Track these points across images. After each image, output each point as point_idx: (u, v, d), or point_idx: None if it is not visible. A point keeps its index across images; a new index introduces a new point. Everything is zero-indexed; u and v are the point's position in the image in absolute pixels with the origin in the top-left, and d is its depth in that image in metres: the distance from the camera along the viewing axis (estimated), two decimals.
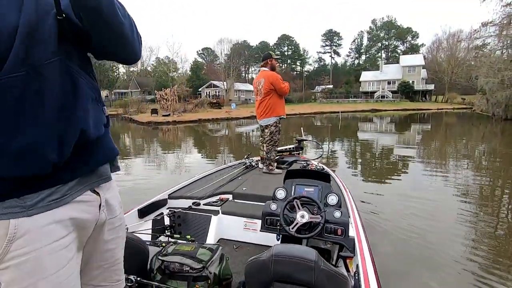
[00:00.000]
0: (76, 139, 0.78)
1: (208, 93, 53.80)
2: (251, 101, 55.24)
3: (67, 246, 0.80)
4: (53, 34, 0.72)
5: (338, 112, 29.74)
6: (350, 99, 56.35)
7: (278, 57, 4.42)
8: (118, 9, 0.77)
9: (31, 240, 0.73)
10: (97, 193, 0.90)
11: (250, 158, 4.37)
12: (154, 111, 27.95)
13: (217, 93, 53.18)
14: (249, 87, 59.29)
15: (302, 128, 6.88)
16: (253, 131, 18.48)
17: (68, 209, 0.80)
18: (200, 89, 55.01)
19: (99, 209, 0.90)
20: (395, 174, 7.19)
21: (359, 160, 9.21)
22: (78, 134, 0.78)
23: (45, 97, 0.71)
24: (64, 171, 0.78)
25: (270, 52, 4.31)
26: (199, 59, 73.58)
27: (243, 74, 77.87)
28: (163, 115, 26.50)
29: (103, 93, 45.80)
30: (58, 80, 0.74)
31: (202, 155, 10.77)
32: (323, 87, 64.57)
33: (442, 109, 38.92)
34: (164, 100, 28.86)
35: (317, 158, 4.54)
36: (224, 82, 51.31)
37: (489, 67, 23.33)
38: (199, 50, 75.17)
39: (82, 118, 0.79)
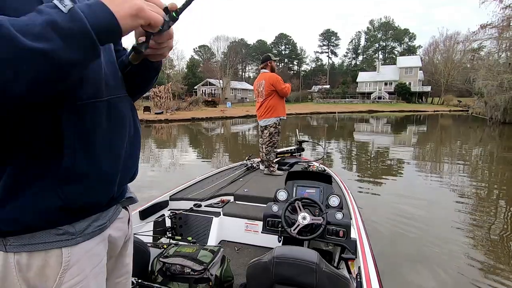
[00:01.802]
0: (131, 175, 0.83)
1: (204, 91, 53.62)
2: (247, 100, 55.23)
3: (104, 266, 0.78)
4: (119, 71, 0.78)
5: (335, 113, 29.83)
6: (347, 99, 56.54)
7: (276, 59, 4.42)
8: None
9: (82, 268, 0.69)
10: (127, 209, 0.90)
11: (252, 160, 4.36)
12: (147, 109, 27.57)
13: (213, 91, 53.03)
14: (246, 85, 59.26)
15: (297, 129, 6.87)
16: (248, 129, 18.48)
17: (109, 229, 0.79)
18: (196, 87, 54.82)
19: (128, 225, 0.90)
20: (393, 174, 7.21)
21: (356, 161, 9.23)
22: (134, 171, 0.84)
23: (122, 131, 0.75)
24: (112, 199, 0.78)
25: (270, 54, 4.32)
26: (196, 57, 73.37)
27: (240, 73, 77.82)
28: (156, 113, 26.14)
29: None
30: (128, 115, 0.78)
31: (196, 155, 10.74)
32: (320, 87, 64.74)
33: (438, 111, 39.17)
34: (158, 98, 28.58)
35: (318, 160, 4.54)
36: (220, 80, 51.17)
37: (488, 70, 23.34)
38: (196, 48, 74.94)
39: (138, 156, 0.85)
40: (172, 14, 0.69)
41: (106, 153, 0.69)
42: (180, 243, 2.10)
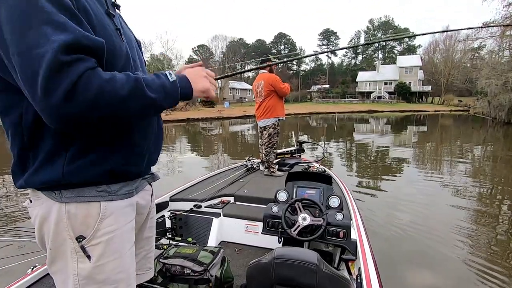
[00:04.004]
0: (154, 160, 1.08)
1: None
2: (246, 100, 55.13)
3: (133, 227, 0.97)
4: None
5: (334, 113, 29.81)
6: (346, 99, 56.49)
7: (274, 62, 4.44)
8: None
9: (116, 219, 0.88)
10: (150, 185, 1.11)
11: (252, 160, 4.36)
12: None
13: None
14: (244, 85, 59.18)
15: (293, 132, 6.84)
16: (248, 130, 18.47)
17: (136, 196, 0.98)
18: None
19: (151, 197, 1.10)
20: (393, 175, 7.22)
21: (356, 162, 9.24)
22: (156, 158, 1.10)
23: (151, 128, 1.00)
24: (140, 173, 1.01)
25: (269, 55, 4.33)
26: (195, 56, 73.20)
27: None
28: None
29: None
30: (154, 117, 1.04)
31: (196, 155, 10.74)
32: (319, 86, 64.64)
33: (438, 111, 39.14)
34: None
35: (318, 160, 4.53)
36: (218, 80, 50.98)
37: (492, 69, 23.14)
38: (195, 47, 74.76)
39: (161, 148, 1.11)
40: None
41: (143, 140, 0.95)
42: (180, 244, 2.10)
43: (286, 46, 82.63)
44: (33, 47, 0.65)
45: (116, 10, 0.96)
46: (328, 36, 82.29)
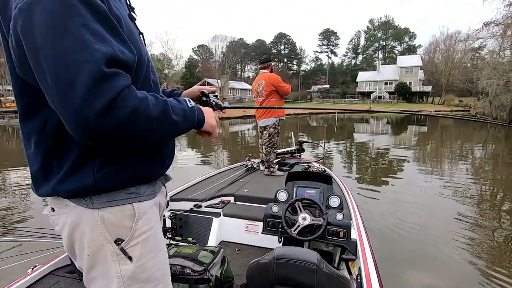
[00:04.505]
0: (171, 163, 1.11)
1: (178, 88, 53.30)
2: (246, 100, 55.11)
3: (160, 225, 1.01)
4: None
5: (334, 113, 29.77)
6: (347, 99, 56.47)
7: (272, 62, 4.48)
8: None
9: (148, 219, 0.90)
10: (164, 186, 1.12)
11: (252, 160, 4.36)
12: None
13: None
14: (244, 85, 59.17)
15: (292, 133, 6.86)
16: (248, 129, 18.47)
17: (157, 197, 1.00)
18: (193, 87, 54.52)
19: (165, 197, 1.12)
20: (394, 175, 7.22)
21: (356, 161, 9.24)
22: (172, 160, 1.11)
23: None
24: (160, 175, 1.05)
25: (268, 55, 4.36)
26: (195, 56, 73.26)
27: (239, 73, 77.75)
28: None
29: None
30: None
31: (194, 156, 10.74)
32: (320, 86, 64.65)
33: (439, 111, 39.04)
34: None
35: (318, 160, 4.53)
36: (218, 80, 51.02)
37: (493, 69, 23.05)
38: (195, 47, 74.78)
39: (174, 151, 1.13)
40: None
41: (164, 147, 0.98)
42: (180, 243, 2.10)
43: (286, 46, 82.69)
44: (71, 52, 0.62)
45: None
46: (328, 36, 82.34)
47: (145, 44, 1.02)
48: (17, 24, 0.65)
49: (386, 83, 54.86)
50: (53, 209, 0.87)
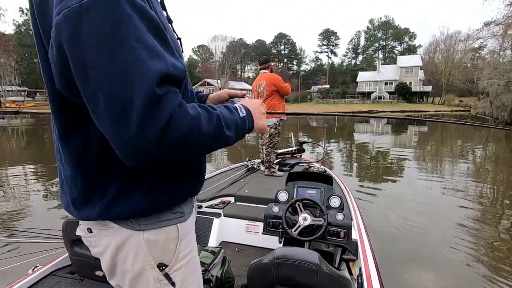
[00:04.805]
0: None
1: (201, 91, 53.47)
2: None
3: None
4: None
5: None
6: (347, 99, 56.40)
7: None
8: None
9: (190, 239, 0.86)
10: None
11: (252, 160, 4.36)
12: None
13: (210, 92, 52.88)
14: (244, 85, 59.15)
15: (291, 133, 6.85)
16: None
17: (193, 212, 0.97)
18: (194, 87, 54.62)
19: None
20: (394, 175, 7.21)
21: (357, 162, 9.23)
22: None
23: None
24: None
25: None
26: (194, 57, 73.26)
27: (239, 73, 77.74)
28: None
29: None
30: None
31: None
32: (320, 87, 64.60)
33: (440, 111, 39.08)
34: None
35: (319, 160, 4.53)
36: (218, 80, 50.99)
37: (494, 68, 22.98)
38: (195, 48, 74.76)
39: None
40: None
41: (205, 165, 0.96)
42: None
43: (286, 46, 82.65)
44: (126, 70, 0.55)
45: None
46: (328, 36, 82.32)
47: (182, 50, 0.91)
48: (61, 34, 0.56)
49: (386, 83, 54.79)
50: (90, 230, 0.81)
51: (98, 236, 0.80)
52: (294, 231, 1.89)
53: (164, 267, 0.79)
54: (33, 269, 1.77)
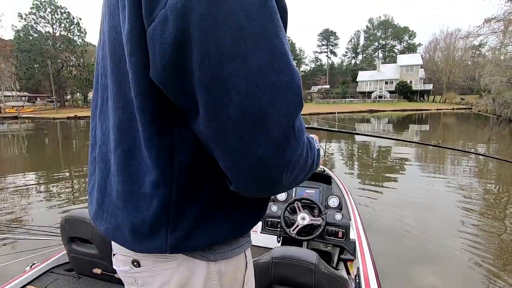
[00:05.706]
0: None
1: None
2: None
3: None
4: None
5: (334, 113, 29.74)
6: (347, 99, 56.34)
7: None
8: None
9: (251, 265, 0.75)
10: None
11: None
12: None
13: None
14: None
15: None
16: None
17: None
18: None
19: None
20: (394, 175, 7.20)
21: (356, 161, 9.22)
22: None
23: None
24: None
25: None
26: None
27: None
28: None
29: (89, 95, 45.67)
30: None
31: None
32: (320, 87, 64.62)
33: (441, 109, 38.99)
34: None
35: None
36: None
37: (496, 65, 22.86)
38: None
39: None
40: None
41: None
42: None
43: None
44: (273, 72, 0.43)
45: None
46: (327, 36, 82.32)
47: None
48: (185, 17, 0.41)
49: (386, 82, 54.68)
50: (138, 264, 0.63)
51: (151, 271, 0.63)
52: (293, 230, 1.89)
53: None
54: (31, 266, 1.77)
